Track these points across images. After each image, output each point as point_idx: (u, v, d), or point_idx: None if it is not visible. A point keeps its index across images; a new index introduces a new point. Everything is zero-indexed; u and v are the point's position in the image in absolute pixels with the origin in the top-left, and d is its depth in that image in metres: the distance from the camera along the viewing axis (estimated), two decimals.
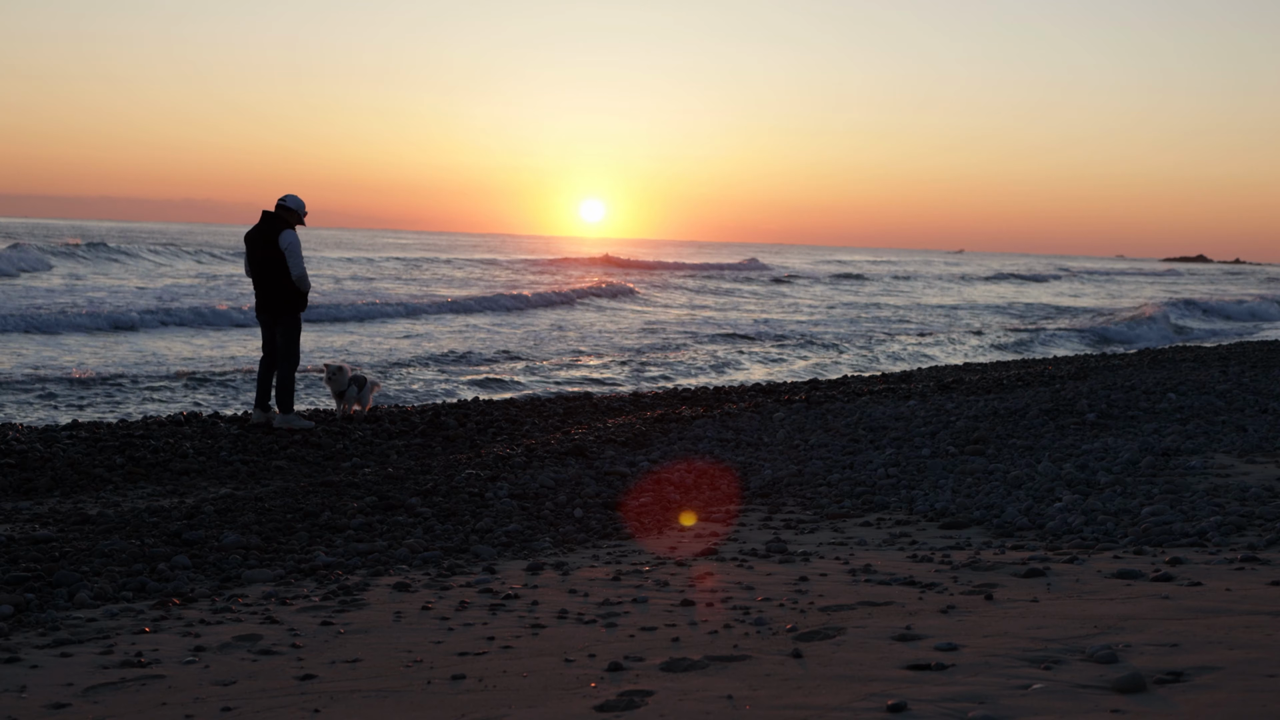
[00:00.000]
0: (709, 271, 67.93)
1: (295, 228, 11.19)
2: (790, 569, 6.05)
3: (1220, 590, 5.18)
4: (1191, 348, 22.71)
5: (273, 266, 11.04)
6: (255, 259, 11.10)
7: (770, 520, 7.53)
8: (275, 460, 10.10)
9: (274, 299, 11.11)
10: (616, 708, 3.93)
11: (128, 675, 4.44)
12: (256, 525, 7.29)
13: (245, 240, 11.18)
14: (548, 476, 8.75)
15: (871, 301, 48.82)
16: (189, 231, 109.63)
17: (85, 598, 5.64)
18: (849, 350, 26.79)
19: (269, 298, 11.13)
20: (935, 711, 3.73)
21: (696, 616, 5.13)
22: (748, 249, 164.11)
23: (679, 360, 23.33)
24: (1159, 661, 4.15)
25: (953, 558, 6.17)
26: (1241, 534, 6.52)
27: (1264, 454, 9.05)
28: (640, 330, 30.30)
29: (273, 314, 11.15)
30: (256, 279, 11.17)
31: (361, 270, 52.34)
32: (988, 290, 64.39)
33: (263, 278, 11.10)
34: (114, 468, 9.49)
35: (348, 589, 5.77)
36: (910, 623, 4.84)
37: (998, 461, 9.09)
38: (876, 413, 11.71)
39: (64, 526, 7.36)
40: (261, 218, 11.16)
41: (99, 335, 23.69)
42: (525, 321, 31.85)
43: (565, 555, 6.63)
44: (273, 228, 11.05)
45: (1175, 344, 28.30)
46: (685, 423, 11.50)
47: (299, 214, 11.18)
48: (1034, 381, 14.36)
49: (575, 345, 25.74)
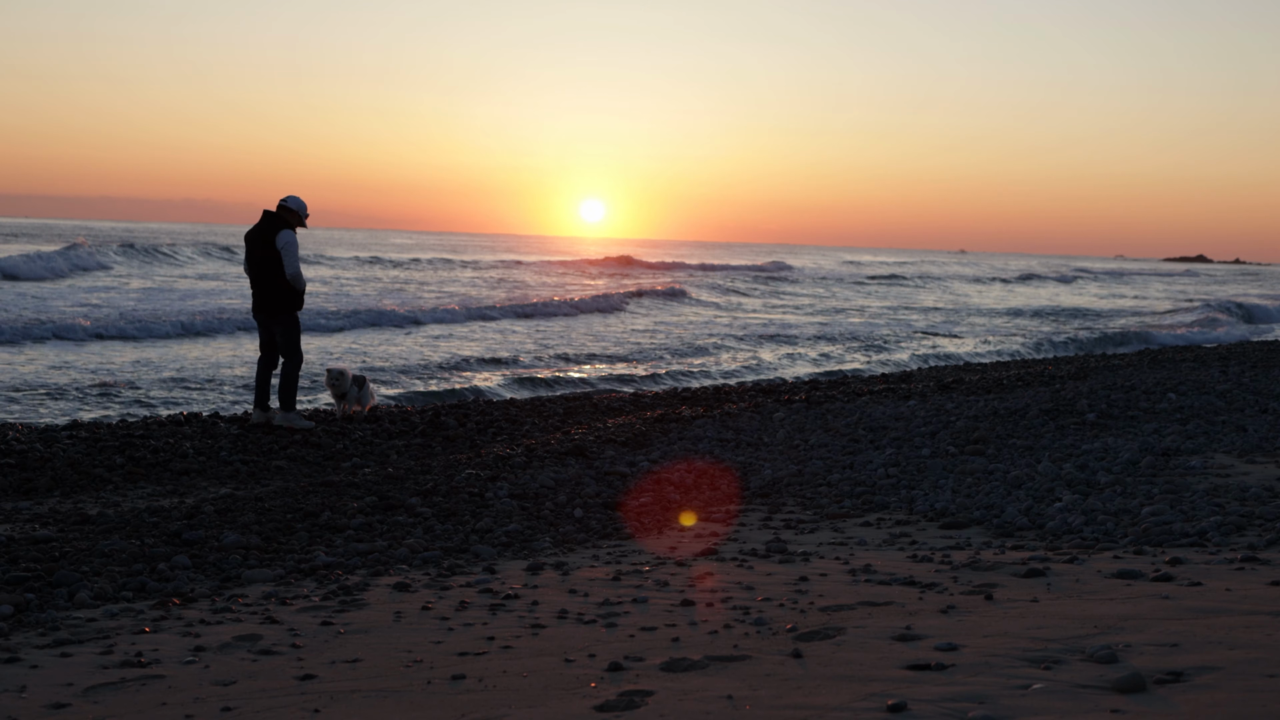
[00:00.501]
0: (741, 273, 66.67)
1: (295, 229, 11.19)
2: (790, 569, 6.05)
3: (1220, 590, 5.18)
4: (1192, 348, 22.70)
5: (269, 266, 11.03)
6: (253, 258, 11.11)
7: (770, 520, 7.53)
8: (275, 460, 10.10)
9: (269, 298, 11.10)
10: (616, 708, 3.93)
11: (128, 675, 4.44)
12: (256, 525, 7.29)
13: (245, 239, 11.20)
14: (548, 476, 8.75)
15: (929, 305, 48.43)
16: (194, 231, 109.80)
17: (85, 598, 5.63)
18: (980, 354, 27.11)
19: (265, 297, 11.12)
20: (935, 711, 3.73)
21: (696, 616, 5.13)
22: (749, 249, 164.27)
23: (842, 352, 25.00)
24: (1159, 661, 4.15)
25: (953, 558, 6.17)
26: (1241, 534, 6.52)
27: (1264, 454, 9.05)
28: (743, 329, 31.26)
29: (269, 313, 11.15)
30: (253, 278, 11.17)
31: (401, 274, 52.58)
32: (1034, 293, 63.65)
33: (259, 277, 11.10)
34: (114, 468, 9.49)
35: (348, 589, 5.77)
36: (910, 623, 4.84)
37: (998, 461, 9.08)
38: (876, 413, 11.71)
39: (64, 526, 7.36)
40: (262, 217, 11.16)
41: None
42: (619, 323, 32.52)
43: (565, 555, 6.63)
44: (272, 227, 11.04)
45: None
46: (685, 423, 11.50)
47: (300, 215, 11.18)
48: (1034, 381, 14.37)
49: (703, 344, 26.93)
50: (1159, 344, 29.95)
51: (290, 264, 11.01)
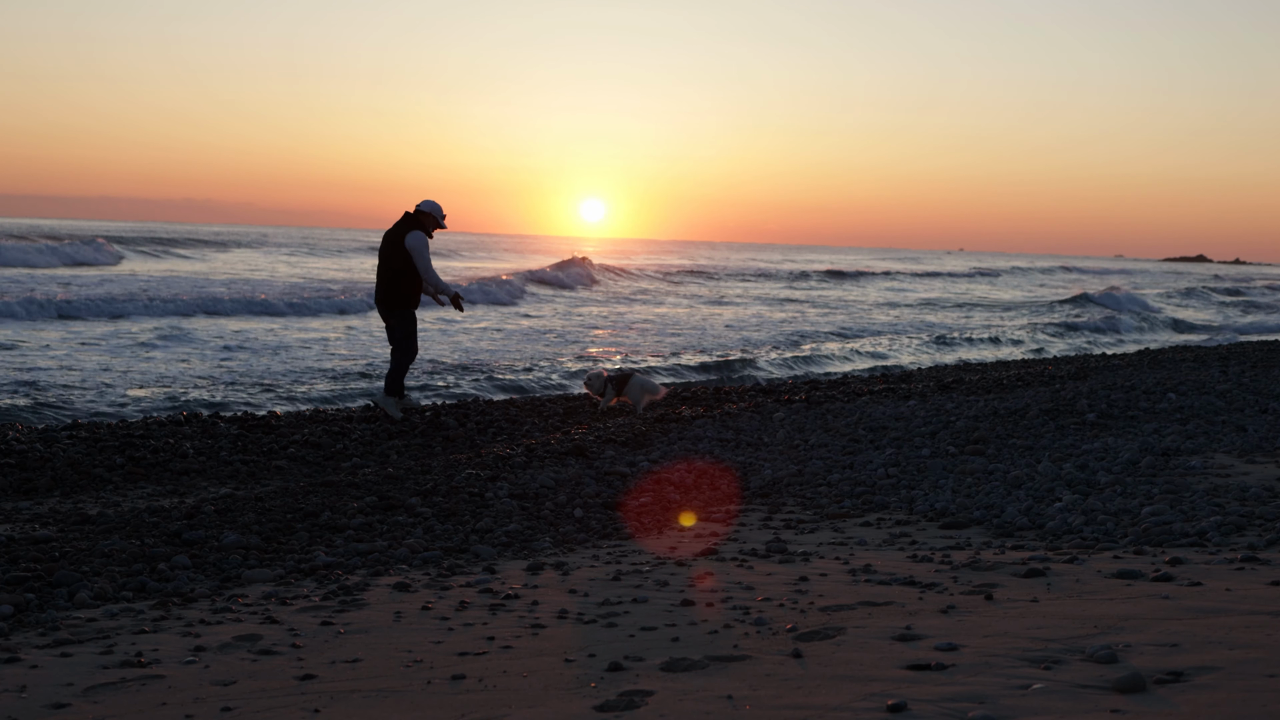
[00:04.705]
0: (777, 276, 66.10)
1: (431, 232, 11.90)
2: (790, 569, 6.05)
3: (1220, 590, 5.18)
4: (1192, 348, 22.69)
5: (393, 264, 11.76)
6: (383, 254, 11.90)
7: (770, 520, 7.53)
8: (275, 460, 10.10)
9: (388, 294, 11.81)
10: (616, 708, 3.93)
11: (128, 675, 4.44)
12: (256, 525, 7.29)
13: (383, 236, 11.98)
14: (548, 476, 8.75)
15: (995, 300, 48.32)
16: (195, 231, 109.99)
17: (85, 598, 5.64)
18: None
19: (384, 292, 11.84)
20: (935, 711, 3.73)
21: (696, 616, 5.13)
22: (749, 249, 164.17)
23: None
24: (1159, 661, 4.15)
25: (953, 558, 6.17)
26: (1241, 534, 6.52)
27: (1264, 454, 9.05)
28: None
29: (387, 307, 11.85)
30: (378, 272, 11.91)
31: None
32: (1099, 283, 63.50)
33: (382, 272, 11.85)
34: (114, 468, 9.49)
35: (348, 589, 5.77)
36: (910, 623, 4.84)
37: (998, 461, 9.08)
38: (876, 413, 11.71)
39: (64, 526, 7.37)
40: (401, 217, 11.92)
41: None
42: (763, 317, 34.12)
43: (565, 555, 6.63)
44: (405, 228, 11.83)
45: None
46: (685, 423, 11.50)
47: (434, 219, 11.91)
48: (1034, 381, 14.37)
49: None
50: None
51: (423, 268, 11.78)
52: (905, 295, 53.49)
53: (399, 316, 11.85)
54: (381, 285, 11.87)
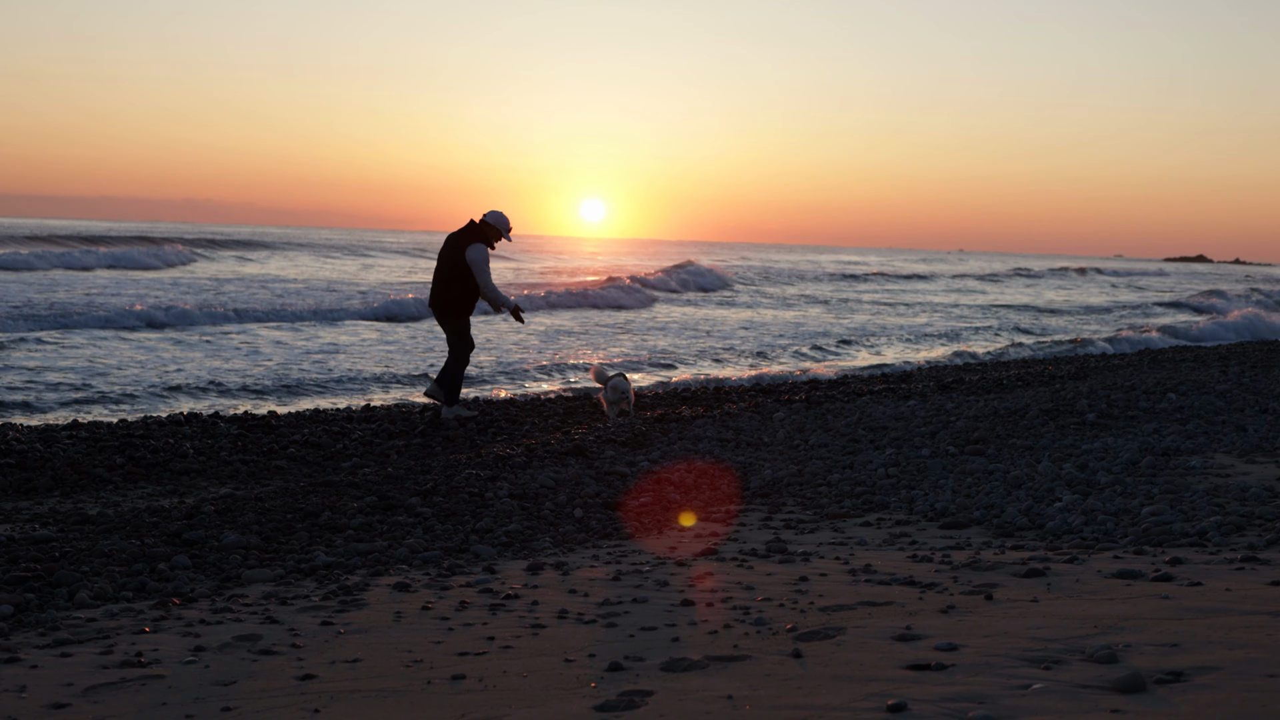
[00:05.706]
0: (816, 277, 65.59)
1: (493, 243, 11.84)
2: (790, 569, 6.05)
3: (1220, 590, 5.18)
4: (1192, 348, 22.69)
5: (450, 272, 11.76)
6: (442, 258, 11.91)
7: (770, 520, 7.53)
8: (275, 460, 10.10)
9: (441, 300, 11.88)
10: (616, 708, 3.93)
11: (128, 675, 4.44)
12: (256, 525, 7.29)
13: (445, 239, 12.01)
14: (548, 476, 8.75)
15: (1045, 306, 48.09)
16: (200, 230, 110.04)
17: (85, 598, 5.64)
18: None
19: (437, 298, 11.91)
20: (935, 711, 3.73)
21: (696, 616, 5.13)
22: (750, 249, 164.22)
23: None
24: (1159, 661, 4.15)
25: (953, 558, 6.17)
26: (1241, 534, 6.52)
27: (1264, 454, 9.05)
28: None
29: (439, 313, 11.95)
30: (434, 276, 11.95)
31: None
32: (1162, 283, 62.83)
33: (437, 278, 11.90)
34: (114, 468, 9.49)
35: (348, 589, 5.77)
36: (910, 623, 4.84)
37: (998, 461, 9.08)
38: (876, 413, 11.71)
39: (64, 526, 7.37)
40: (466, 225, 11.89)
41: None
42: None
43: (565, 555, 6.63)
44: (468, 238, 11.79)
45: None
46: (685, 423, 11.50)
47: (498, 230, 11.85)
48: (1034, 381, 14.36)
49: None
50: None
51: (484, 282, 11.76)
52: (1003, 297, 52.62)
53: (452, 325, 11.88)
54: (438, 291, 11.88)
